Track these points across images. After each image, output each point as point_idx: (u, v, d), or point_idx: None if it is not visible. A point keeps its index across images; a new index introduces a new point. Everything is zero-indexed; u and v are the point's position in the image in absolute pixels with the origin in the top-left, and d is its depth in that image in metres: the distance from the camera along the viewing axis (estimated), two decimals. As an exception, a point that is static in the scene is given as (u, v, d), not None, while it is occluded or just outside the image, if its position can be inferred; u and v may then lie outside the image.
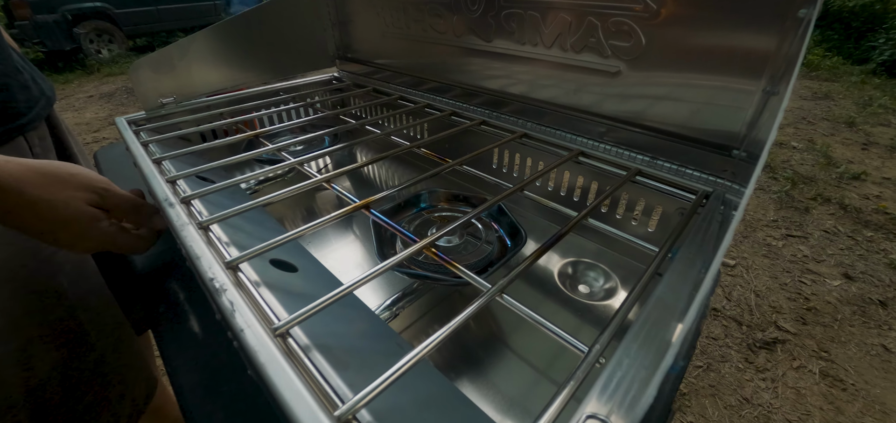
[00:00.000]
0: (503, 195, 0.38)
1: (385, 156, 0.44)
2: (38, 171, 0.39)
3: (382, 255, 0.36)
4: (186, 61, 0.66)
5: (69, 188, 0.40)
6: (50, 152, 0.65)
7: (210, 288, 0.26)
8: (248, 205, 0.35)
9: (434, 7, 0.61)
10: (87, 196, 0.41)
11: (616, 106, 0.49)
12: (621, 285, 0.50)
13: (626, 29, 0.45)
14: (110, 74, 5.32)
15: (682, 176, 0.46)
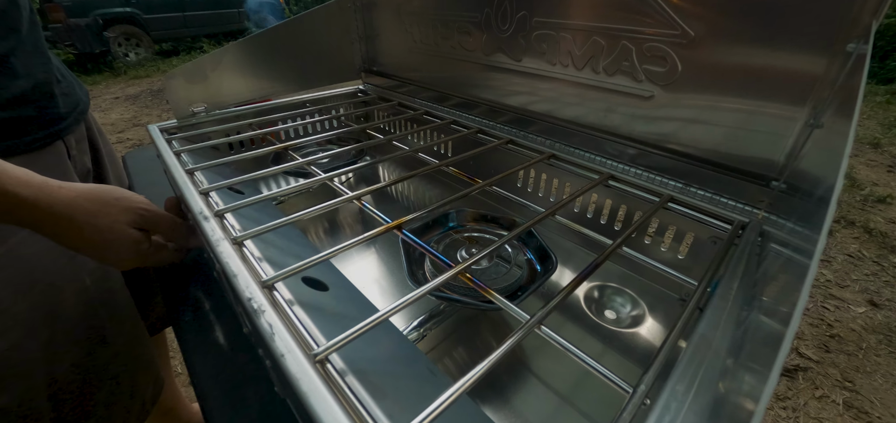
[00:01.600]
0: (535, 220, 0.37)
1: (414, 174, 0.44)
2: (87, 197, 0.42)
3: (412, 274, 0.36)
4: (218, 72, 0.68)
5: (114, 211, 0.43)
6: (85, 154, 0.68)
7: (248, 308, 0.26)
8: (281, 221, 0.35)
9: (464, 25, 0.61)
10: (130, 219, 0.44)
11: (648, 130, 0.48)
12: (649, 312, 0.49)
13: (661, 54, 0.44)
14: (136, 77, 5.49)
15: (717, 205, 0.45)
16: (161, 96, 4.65)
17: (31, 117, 0.54)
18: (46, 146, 0.57)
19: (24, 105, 0.53)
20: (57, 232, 0.42)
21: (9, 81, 0.52)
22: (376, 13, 0.78)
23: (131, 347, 0.69)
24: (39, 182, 0.40)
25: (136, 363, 0.71)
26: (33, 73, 0.55)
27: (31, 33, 0.57)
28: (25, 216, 0.39)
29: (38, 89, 0.56)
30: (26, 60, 0.55)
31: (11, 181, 0.38)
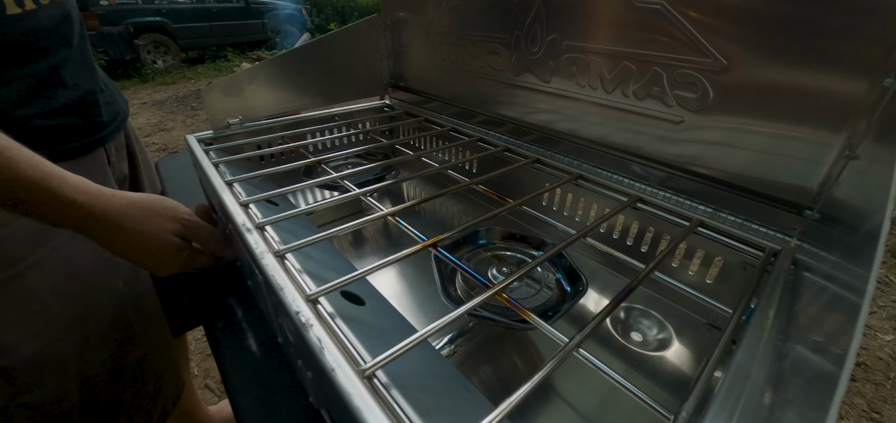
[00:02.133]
0: (567, 243, 0.38)
1: (446, 192, 0.45)
2: (137, 206, 0.45)
3: (445, 291, 0.37)
4: (253, 86, 0.70)
5: (160, 220, 0.46)
6: (123, 161, 0.71)
7: (296, 322, 0.27)
8: (323, 235, 0.37)
9: (493, 45, 0.62)
10: (174, 227, 0.47)
11: (677, 153, 0.48)
12: (676, 336, 0.49)
13: (692, 80, 0.45)
14: (163, 83, 5.68)
15: (747, 230, 0.45)
16: (186, 102, 4.80)
17: (77, 125, 0.57)
18: (89, 153, 0.60)
19: (71, 114, 0.56)
20: (107, 237, 0.44)
21: (59, 91, 0.55)
22: (405, 30, 0.80)
23: (158, 349, 0.71)
24: (95, 190, 0.43)
25: (162, 365, 0.73)
26: (81, 83, 0.58)
27: (80, 46, 0.60)
28: (80, 221, 0.42)
29: (84, 99, 0.58)
30: (75, 72, 0.58)
31: (70, 188, 0.40)
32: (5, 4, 0.48)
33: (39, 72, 0.52)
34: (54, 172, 0.40)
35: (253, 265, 0.37)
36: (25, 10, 0.50)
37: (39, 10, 0.52)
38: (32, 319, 0.52)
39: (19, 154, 0.38)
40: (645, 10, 0.45)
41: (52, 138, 0.54)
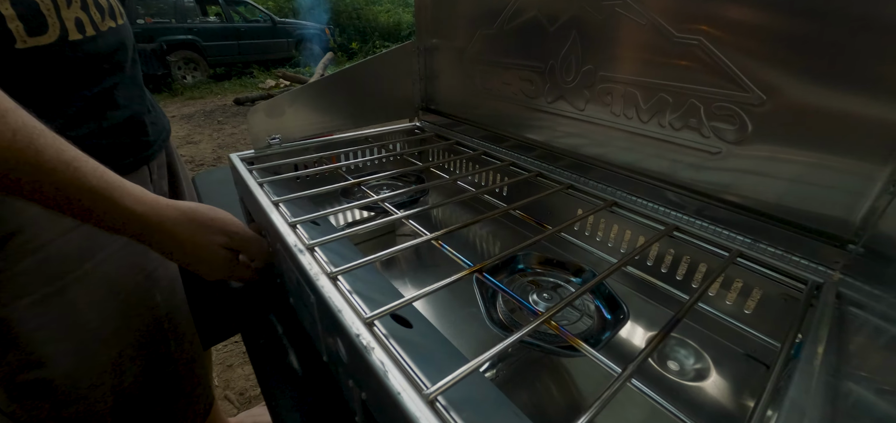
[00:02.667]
0: (609, 271, 0.39)
1: (486, 217, 0.46)
2: (190, 217, 0.48)
3: (489, 315, 0.38)
4: (294, 108, 0.74)
5: (210, 232, 0.49)
6: (163, 179, 0.73)
7: (358, 345, 0.28)
8: (372, 258, 0.38)
9: (527, 73, 0.64)
10: (223, 240, 0.50)
11: (715, 184, 0.49)
12: (714, 366, 0.48)
13: (730, 113, 0.45)
14: (191, 97, 5.90)
15: (787, 262, 0.45)
16: (213, 117, 4.97)
17: (126, 144, 0.60)
18: (135, 170, 0.62)
19: (121, 134, 0.59)
20: (161, 245, 0.47)
21: (112, 111, 0.58)
22: (437, 56, 0.83)
23: (190, 364, 0.73)
24: (151, 200, 0.46)
25: (194, 380, 0.74)
26: (131, 104, 0.61)
27: (132, 69, 0.63)
28: (136, 229, 0.45)
29: (133, 119, 0.61)
30: (126, 93, 0.60)
31: (129, 198, 0.43)
32: (68, 30, 0.51)
33: (94, 94, 0.55)
34: (116, 182, 0.43)
35: (306, 286, 0.38)
36: (86, 36, 0.53)
37: (99, 36, 0.55)
38: (73, 333, 0.54)
39: (86, 165, 0.40)
40: (683, 43, 0.47)
41: (102, 157, 0.56)
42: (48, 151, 0.37)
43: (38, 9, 0.47)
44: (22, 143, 0.35)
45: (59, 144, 0.38)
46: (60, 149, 0.38)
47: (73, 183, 0.39)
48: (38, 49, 0.48)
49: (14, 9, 0.45)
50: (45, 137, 0.37)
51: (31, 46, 0.47)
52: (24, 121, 0.36)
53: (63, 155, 0.38)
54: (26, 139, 0.36)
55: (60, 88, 0.51)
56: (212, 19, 6.73)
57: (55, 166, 0.37)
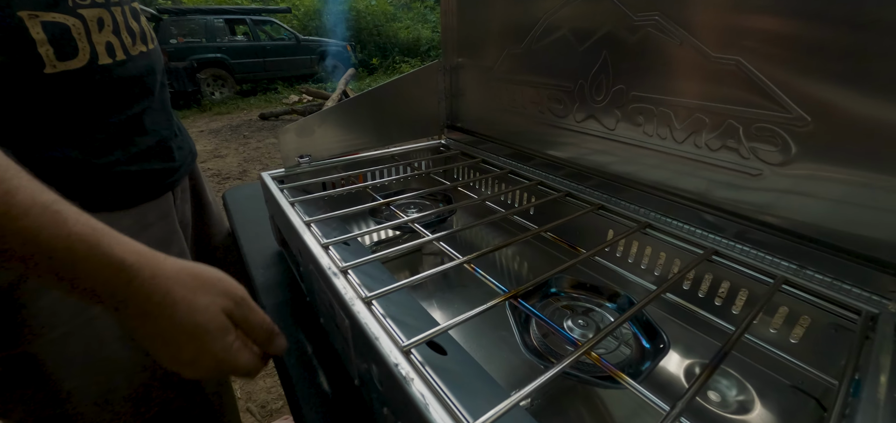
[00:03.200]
0: (649, 299, 0.37)
1: (518, 240, 0.46)
2: (190, 271, 0.38)
3: (524, 341, 0.37)
4: (323, 128, 0.75)
5: (210, 294, 0.39)
6: (186, 203, 0.72)
7: (397, 375, 0.28)
8: (405, 282, 0.38)
9: (555, 93, 0.64)
10: (224, 304, 0.39)
11: (755, 207, 0.47)
12: (758, 399, 0.46)
13: (771, 134, 0.44)
14: (219, 113, 6.13)
15: (837, 290, 0.43)
16: (239, 131, 5.14)
17: (153, 171, 0.59)
18: (160, 196, 0.61)
19: (149, 159, 0.58)
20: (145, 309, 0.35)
21: (140, 137, 0.57)
22: (463, 74, 0.83)
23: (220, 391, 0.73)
24: (146, 250, 0.36)
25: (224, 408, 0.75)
26: (159, 129, 0.60)
27: (161, 93, 0.63)
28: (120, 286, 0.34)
29: (161, 144, 0.61)
30: (155, 118, 0.60)
31: (119, 246, 0.34)
32: (98, 54, 0.50)
33: (123, 119, 0.54)
34: (103, 228, 0.34)
35: (340, 310, 0.39)
36: (116, 60, 0.52)
37: (129, 60, 0.54)
38: (99, 366, 0.53)
39: (68, 209, 0.33)
40: (720, 63, 0.45)
41: (130, 183, 0.55)
42: (22, 192, 0.30)
43: (69, 33, 0.47)
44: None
45: (36, 186, 0.32)
46: (37, 190, 0.31)
47: (49, 228, 0.31)
48: (67, 73, 0.47)
49: (45, 32, 0.45)
50: (20, 178, 0.31)
51: (61, 71, 0.47)
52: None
53: (40, 197, 0.31)
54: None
55: (89, 113, 0.50)
56: (239, 38, 7.01)
57: (28, 209, 0.30)
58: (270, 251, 0.76)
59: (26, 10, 0.44)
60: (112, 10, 0.52)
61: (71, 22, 0.47)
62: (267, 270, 0.72)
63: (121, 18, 0.53)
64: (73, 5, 0.47)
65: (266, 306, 0.64)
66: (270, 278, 0.69)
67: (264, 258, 0.74)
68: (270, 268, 0.72)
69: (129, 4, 0.57)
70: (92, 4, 0.49)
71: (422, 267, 0.69)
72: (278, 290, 0.66)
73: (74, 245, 0.32)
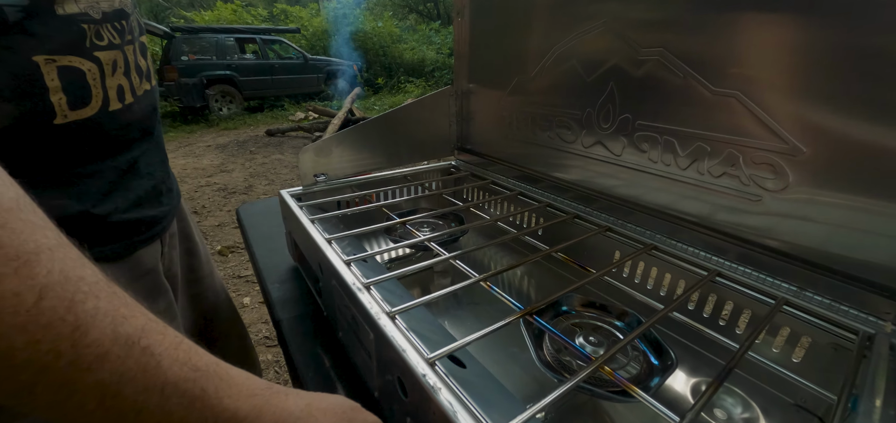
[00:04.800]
0: (656, 318, 0.40)
1: (530, 260, 0.48)
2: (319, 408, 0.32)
3: (539, 357, 0.39)
4: (340, 149, 0.78)
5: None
6: (174, 249, 0.67)
7: (424, 385, 0.30)
8: (427, 298, 0.41)
9: (564, 119, 0.67)
10: None
11: (756, 231, 0.49)
12: (763, 417, 0.48)
13: (770, 162, 0.47)
14: (226, 128, 6.23)
15: (835, 312, 0.45)
16: (245, 147, 5.22)
17: (146, 218, 0.55)
18: (148, 244, 0.56)
19: (143, 205, 0.55)
20: None
21: (135, 182, 0.53)
22: (473, 98, 0.87)
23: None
24: (263, 391, 0.29)
25: None
26: (154, 172, 0.57)
27: (158, 132, 0.60)
28: None
29: (155, 188, 0.57)
30: (150, 159, 0.57)
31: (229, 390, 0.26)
32: (109, 100, 0.47)
33: (121, 164, 0.51)
34: (210, 367, 0.26)
35: (364, 324, 0.41)
36: (125, 104, 0.50)
37: (135, 102, 0.52)
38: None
39: (160, 342, 0.24)
40: (720, 97, 0.49)
41: (123, 233, 0.52)
42: (97, 322, 0.21)
43: (83, 78, 0.44)
44: (52, 312, 0.20)
45: (114, 303, 0.23)
46: (119, 317, 0.22)
47: (138, 379, 0.22)
48: (77, 122, 0.44)
49: (60, 79, 0.42)
50: (97, 296, 0.22)
51: (71, 121, 0.43)
52: (62, 269, 0.21)
53: (122, 327, 0.22)
54: (63, 304, 0.20)
55: (90, 160, 0.47)
56: (249, 56, 7.17)
57: (107, 351, 0.21)
58: (285, 266, 0.78)
59: (43, 54, 0.40)
60: (125, 49, 0.50)
61: (87, 66, 0.44)
62: (282, 284, 0.74)
63: (131, 57, 0.52)
64: (90, 47, 0.45)
65: (283, 320, 0.66)
66: (286, 292, 0.72)
67: (280, 273, 0.77)
68: (286, 283, 0.74)
69: (139, 40, 0.55)
70: (108, 46, 0.47)
71: (432, 284, 0.71)
72: (295, 304, 0.68)
73: (170, 401, 0.23)
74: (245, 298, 2.19)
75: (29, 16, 0.39)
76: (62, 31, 0.42)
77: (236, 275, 2.42)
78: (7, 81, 0.39)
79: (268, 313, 2.18)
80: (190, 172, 4.32)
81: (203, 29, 7.09)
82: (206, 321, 0.77)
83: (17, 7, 0.38)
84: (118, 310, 0.23)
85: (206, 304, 0.77)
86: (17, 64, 0.39)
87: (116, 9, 0.49)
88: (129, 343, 0.22)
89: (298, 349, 0.59)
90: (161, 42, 6.44)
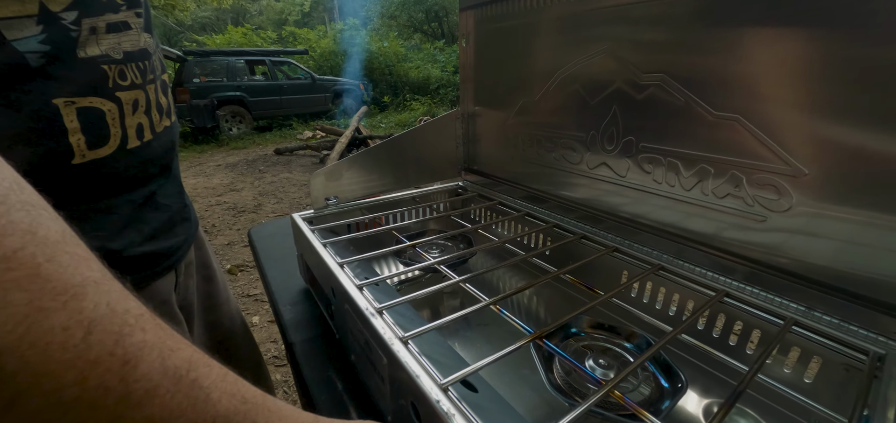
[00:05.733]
0: (665, 340, 0.40)
1: (540, 282, 0.49)
2: None
3: (549, 380, 0.40)
4: (351, 172, 0.80)
5: None
6: (191, 278, 0.68)
7: (439, 411, 0.31)
8: (439, 323, 0.42)
9: (568, 141, 0.69)
10: None
11: (762, 251, 0.50)
12: (776, 439, 0.47)
13: (773, 184, 0.47)
14: (236, 147, 6.34)
15: (845, 332, 0.45)
16: (254, 166, 5.30)
17: (161, 250, 0.55)
18: (163, 276, 0.56)
19: (159, 238, 0.55)
20: None
21: (151, 214, 0.54)
22: (479, 121, 0.89)
23: None
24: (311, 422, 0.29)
25: None
26: (171, 204, 0.58)
27: (176, 165, 0.60)
28: None
29: (171, 220, 0.57)
30: (167, 192, 0.57)
31: None
32: (128, 138, 0.47)
33: (137, 199, 0.51)
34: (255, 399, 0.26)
35: (378, 349, 0.42)
36: (143, 141, 0.50)
37: (155, 138, 0.52)
38: None
39: (208, 375, 0.23)
40: (721, 120, 0.50)
41: (139, 266, 0.52)
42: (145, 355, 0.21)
43: (103, 119, 0.44)
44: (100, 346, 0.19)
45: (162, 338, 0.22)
46: (166, 349, 0.22)
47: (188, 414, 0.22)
48: (94, 162, 0.44)
49: (79, 121, 0.42)
50: (144, 329, 0.21)
51: (89, 161, 0.43)
52: (109, 303, 0.20)
53: (171, 359, 0.22)
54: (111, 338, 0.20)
55: (107, 196, 0.47)
56: (258, 77, 7.35)
57: (156, 386, 0.21)
58: (296, 288, 0.80)
59: (63, 97, 0.41)
60: (147, 89, 0.50)
61: (107, 107, 0.45)
62: (294, 306, 0.75)
63: (153, 96, 0.52)
64: (113, 87, 0.45)
65: (295, 342, 0.67)
66: (298, 314, 0.73)
67: (291, 295, 0.78)
68: (297, 305, 0.75)
69: (161, 79, 0.55)
70: (131, 86, 0.47)
71: (442, 305, 0.72)
72: (306, 326, 0.69)
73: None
74: (254, 317, 2.21)
75: (50, 61, 0.40)
76: (83, 73, 0.42)
77: (245, 293, 2.44)
78: (26, 125, 0.39)
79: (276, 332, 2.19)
80: (200, 191, 4.40)
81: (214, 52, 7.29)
82: (223, 348, 0.78)
83: (39, 53, 0.39)
84: (165, 343, 0.22)
85: (223, 330, 0.78)
86: (37, 108, 0.39)
87: (141, 49, 0.50)
88: (177, 376, 0.21)
89: (311, 372, 0.60)
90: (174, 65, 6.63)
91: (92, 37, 0.43)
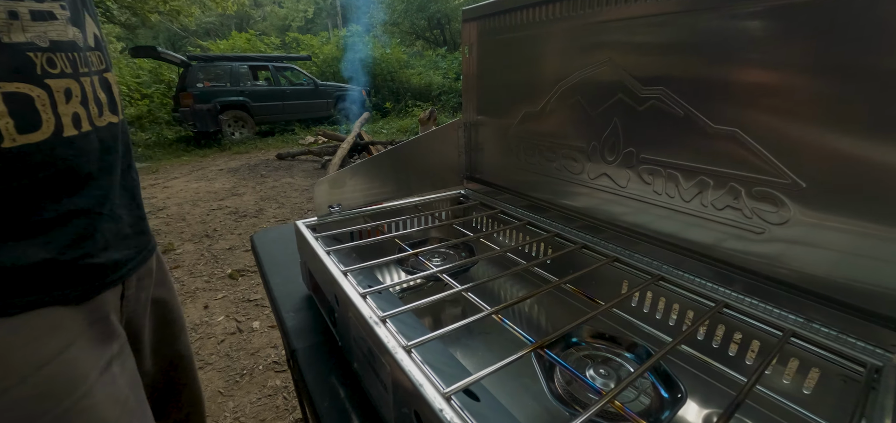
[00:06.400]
0: (666, 350, 0.41)
1: (541, 292, 0.50)
2: None
3: (550, 389, 0.40)
4: (354, 180, 0.81)
5: None
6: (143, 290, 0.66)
7: (442, 420, 0.32)
8: (442, 332, 0.42)
9: (570, 151, 0.69)
10: None
11: (761, 262, 0.50)
12: (775, 450, 0.48)
13: (771, 197, 0.48)
14: (238, 152, 6.37)
15: (842, 343, 0.45)
16: (256, 171, 5.32)
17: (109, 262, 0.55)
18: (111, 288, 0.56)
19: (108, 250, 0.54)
20: None
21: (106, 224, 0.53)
22: (481, 130, 0.90)
23: None
24: None
25: None
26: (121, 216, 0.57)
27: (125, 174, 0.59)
28: None
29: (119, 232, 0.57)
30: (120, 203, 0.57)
31: None
32: (63, 125, 0.47)
33: (90, 206, 0.51)
34: None
35: (381, 357, 0.43)
36: (81, 131, 0.49)
37: (94, 131, 0.52)
38: None
39: None
40: (720, 133, 0.51)
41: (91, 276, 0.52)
42: None
43: (32, 104, 0.44)
44: None
45: None
46: None
47: None
48: (28, 147, 0.44)
49: (5, 105, 0.42)
50: None
51: (21, 145, 0.43)
52: None
53: None
54: None
55: (52, 199, 0.47)
56: (261, 83, 7.39)
57: None
58: (299, 295, 0.80)
59: None
60: (82, 80, 0.50)
61: (36, 93, 0.45)
62: (297, 313, 0.76)
63: (90, 89, 0.52)
64: (41, 74, 0.45)
65: (298, 349, 0.67)
66: (301, 321, 0.73)
67: (294, 302, 0.79)
68: (300, 312, 0.76)
69: (101, 75, 0.55)
70: (61, 74, 0.47)
71: (444, 313, 0.73)
72: (309, 333, 0.70)
73: None
74: (254, 322, 2.21)
75: None
76: (8, 59, 0.43)
77: (246, 299, 2.45)
78: None
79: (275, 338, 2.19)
80: (202, 195, 4.41)
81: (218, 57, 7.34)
82: (168, 379, 0.79)
83: None
84: None
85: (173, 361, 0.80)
86: None
87: (69, 40, 0.50)
88: None
89: (314, 379, 0.60)
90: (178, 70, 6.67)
91: (15, 22, 0.43)
